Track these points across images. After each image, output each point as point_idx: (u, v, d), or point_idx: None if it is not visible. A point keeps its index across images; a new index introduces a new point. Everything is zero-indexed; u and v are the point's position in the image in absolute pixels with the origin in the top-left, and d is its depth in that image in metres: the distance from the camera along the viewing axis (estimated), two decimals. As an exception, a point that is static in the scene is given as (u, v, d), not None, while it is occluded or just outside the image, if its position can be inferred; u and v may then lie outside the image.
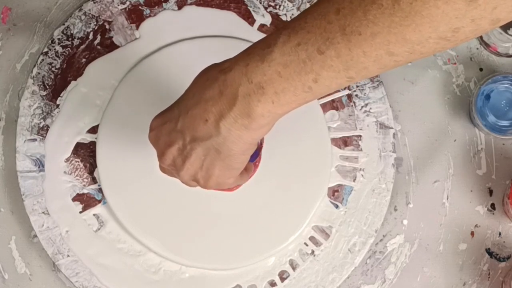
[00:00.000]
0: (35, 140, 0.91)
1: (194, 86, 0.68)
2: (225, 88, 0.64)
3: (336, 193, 0.91)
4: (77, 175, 0.91)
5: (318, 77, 0.61)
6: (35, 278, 0.91)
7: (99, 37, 0.93)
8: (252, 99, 0.63)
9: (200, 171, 0.70)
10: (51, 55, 0.92)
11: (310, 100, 0.64)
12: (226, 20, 0.93)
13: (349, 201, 0.91)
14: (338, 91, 0.92)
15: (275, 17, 0.93)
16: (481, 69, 0.93)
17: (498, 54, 0.93)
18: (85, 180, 0.91)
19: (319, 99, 0.91)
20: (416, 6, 0.55)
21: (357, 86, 0.92)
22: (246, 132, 0.66)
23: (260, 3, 0.93)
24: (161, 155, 0.71)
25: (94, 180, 0.91)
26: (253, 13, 0.93)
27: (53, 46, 0.92)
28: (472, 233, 0.92)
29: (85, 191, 0.91)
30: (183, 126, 0.68)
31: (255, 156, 0.84)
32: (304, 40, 0.60)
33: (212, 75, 0.66)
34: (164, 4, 0.93)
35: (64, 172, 0.91)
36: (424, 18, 0.55)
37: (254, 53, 0.63)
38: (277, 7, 0.93)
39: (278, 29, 0.63)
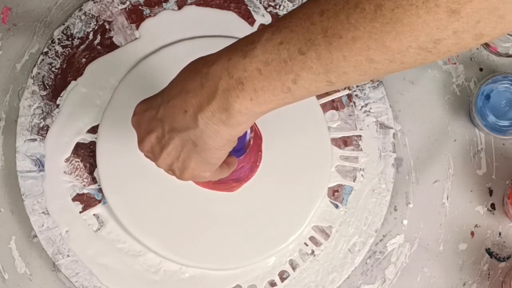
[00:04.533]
0: (35, 140, 0.91)
1: (178, 77, 0.68)
2: (206, 81, 0.64)
3: (336, 193, 0.91)
4: (77, 175, 0.91)
5: (298, 78, 0.61)
6: (35, 278, 0.91)
7: (99, 37, 0.93)
8: (231, 94, 0.63)
9: (177, 162, 0.71)
10: (51, 55, 0.92)
11: (289, 102, 0.64)
12: (226, 20, 0.93)
13: (349, 201, 0.91)
14: (338, 90, 0.92)
15: (275, 17, 0.93)
16: (481, 69, 0.93)
17: (498, 54, 0.93)
18: (85, 180, 0.91)
19: (318, 98, 0.91)
20: (398, 13, 0.54)
21: (357, 86, 0.92)
22: (224, 128, 0.66)
23: (260, 3, 0.93)
24: (140, 141, 0.72)
25: (94, 180, 0.91)
26: (253, 13, 0.93)
27: (53, 46, 0.92)
28: (472, 233, 0.92)
29: (85, 191, 0.91)
30: (163, 115, 0.69)
31: (242, 152, 0.83)
32: (287, 40, 0.60)
33: (196, 67, 0.66)
34: (164, 4, 0.93)
35: (64, 172, 0.91)
36: (404, 26, 0.55)
37: (238, 48, 0.63)
38: (277, 7, 0.93)
39: (264, 27, 0.63)
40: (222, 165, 0.74)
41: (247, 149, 0.84)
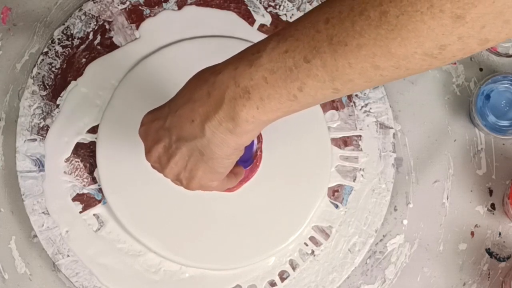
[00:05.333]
0: (35, 140, 0.91)
1: (186, 87, 0.68)
2: (213, 90, 0.64)
3: (336, 193, 0.91)
4: (77, 175, 0.91)
5: (303, 85, 0.61)
6: (35, 278, 0.91)
7: (99, 37, 0.93)
8: (237, 103, 0.63)
9: (184, 172, 0.70)
10: (51, 55, 0.92)
11: (296, 110, 0.64)
12: (226, 20, 0.93)
13: (349, 201, 0.91)
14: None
15: (275, 17, 0.93)
16: (481, 69, 0.93)
17: (498, 54, 0.93)
18: (85, 180, 0.91)
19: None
20: (403, 19, 0.54)
21: (357, 86, 0.92)
22: (230, 137, 0.66)
23: (260, 3, 0.93)
24: (148, 151, 0.72)
25: (94, 180, 0.91)
26: (253, 13, 0.93)
27: (53, 46, 0.92)
28: (472, 233, 0.92)
29: (85, 191, 0.91)
30: (170, 125, 0.69)
31: (250, 162, 0.84)
32: (292, 48, 0.60)
33: (204, 77, 0.66)
34: (164, 4, 0.93)
35: (64, 172, 0.91)
36: (410, 33, 0.54)
37: (244, 57, 0.63)
38: (277, 7, 0.93)
39: (270, 35, 0.63)
40: (229, 174, 0.74)
41: (254, 160, 0.84)
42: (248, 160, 0.84)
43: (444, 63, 0.57)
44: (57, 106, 0.92)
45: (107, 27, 0.93)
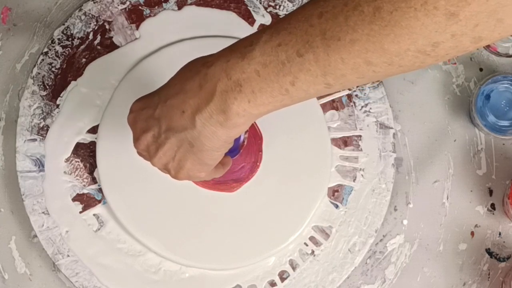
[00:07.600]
0: (35, 140, 0.91)
1: (177, 77, 0.68)
2: (205, 82, 0.64)
3: (336, 193, 0.91)
4: (77, 175, 0.91)
5: (296, 80, 0.61)
6: (35, 278, 0.91)
7: (99, 37, 0.93)
8: (229, 96, 0.63)
9: (172, 162, 0.70)
10: (51, 55, 0.92)
11: (287, 104, 0.63)
12: (226, 20, 0.93)
13: (349, 201, 0.91)
14: (338, 91, 0.92)
15: (275, 17, 0.93)
16: (481, 69, 0.93)
17: (498, 54, 0.93)
18: (85, 180, 0.91)
19: (318, 98, 0.91)
20: (396, 15, 0.54)
21: (357, 86, 0.92)
22: (221, 129, 0.65)
23: (260, 3, 0.93)
24: (136, 139, 0.72)
25: (94, 180, 0.91)
26: (253, 13, 0.93)
27: (53, 46, 0.92)
28: (472, 233, 0.92)
29: (85, 191, 0.91)
30: (160, 114, 0.68)
31: (236, 152, 0.83)
32: (285, 41, 0.60)
33: (196, 68, 0.66)
34: (164, 4, 0.93)
35: (64, 172, 0.91)
36: (403, 29, 0.54)
37: (236, 50, 0.63)
38: (277, 7, 0.93)
39: (263, 28, 0.63)
40: (217, 165, 0.74)
41: (241, 150, 0.84)
42: (235, 150, 0.83)
43: (437, 61, 0.57)
44: (57, 106, 0.92)
45: (107, 27, 0.93)
